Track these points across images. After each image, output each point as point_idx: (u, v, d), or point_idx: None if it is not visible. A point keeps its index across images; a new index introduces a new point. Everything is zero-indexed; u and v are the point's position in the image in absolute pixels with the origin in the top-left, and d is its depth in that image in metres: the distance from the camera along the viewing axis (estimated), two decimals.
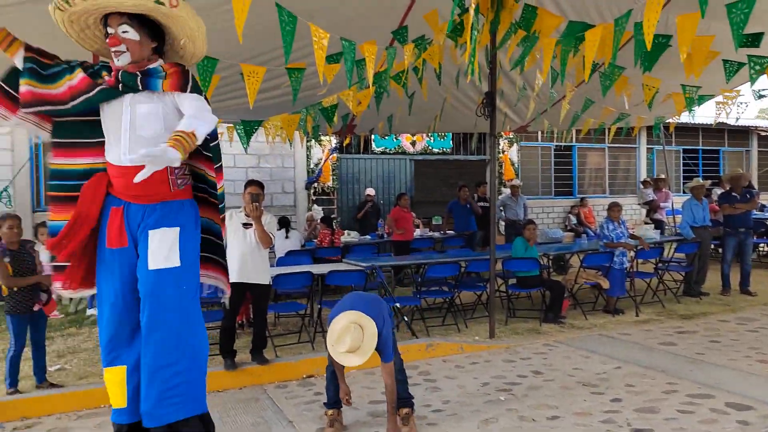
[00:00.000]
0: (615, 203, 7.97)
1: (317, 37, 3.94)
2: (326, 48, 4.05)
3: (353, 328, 3.60)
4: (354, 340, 3.57)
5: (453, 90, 7.50)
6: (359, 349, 3.59)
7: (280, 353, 5.92)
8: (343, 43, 4.41)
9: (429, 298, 7.65)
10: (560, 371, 5.38)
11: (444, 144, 13.18)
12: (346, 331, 3.59)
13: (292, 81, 4.91)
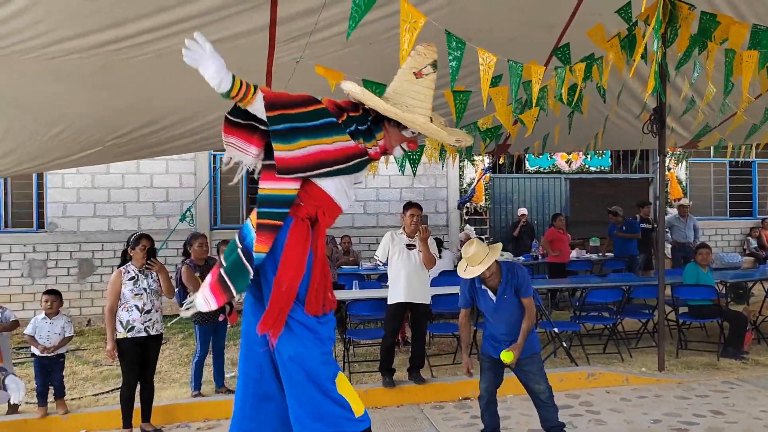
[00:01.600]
0: None
1: (484, 60, 3.98)
2: (492, 70, 4.09)
3: (478, 243, 4.04)
4: (480, 250, 3.96)
5: (615, 107, 7.18)
6: (483, 261, 3.96)
7: (436, 373, 5.98)
8: (510, 64, 4.42)
9: (588, 324, 7.32)
10: (745, 413, 4.89)
11: (602, 162, 12.59)
12: (475, 244, 4.03)
13: (456, 104, 5.01)
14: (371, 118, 2.66)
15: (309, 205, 2.56)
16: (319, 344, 2.56)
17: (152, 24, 4.10)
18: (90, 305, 9.39)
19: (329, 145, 2.50)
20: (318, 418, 2.49)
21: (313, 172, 2.49)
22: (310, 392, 2.50)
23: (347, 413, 2.52)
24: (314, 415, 2.50)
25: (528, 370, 4.18)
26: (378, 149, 2.68)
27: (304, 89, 5.15)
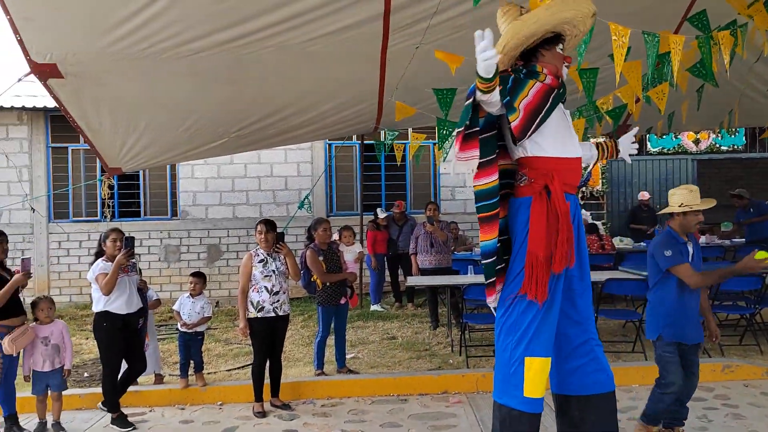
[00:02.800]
0: None
1: (617, 35, 3.82)
2: (627, 45, 3.91)
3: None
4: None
5: (751, 79, 6.63)
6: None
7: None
8: (645, 36, 4.21)
9: (723, 314, 6.86)
10: None
11: (735, 141, 11.65)
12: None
13: (584, 82, 4.86)
14: (522, 72, 2.92)
15: (537, 177, 2.84)
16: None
17: (273, 19, 4.31)
18: (218, 288, 10.05)
19: (528, 97, 2.79)
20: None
21: (534, 124, 2.79)
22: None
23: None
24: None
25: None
26: (550, 78, 2.89)
27: (424, 76, 5.21)
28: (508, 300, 2.86)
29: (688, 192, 4.00)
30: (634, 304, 7.45)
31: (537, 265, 2.74)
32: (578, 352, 2.96)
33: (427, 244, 7.65)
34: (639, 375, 5.41)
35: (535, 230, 2.77)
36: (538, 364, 2.78)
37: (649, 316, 4.10)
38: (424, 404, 5.07)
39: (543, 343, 2.80)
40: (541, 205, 2.78)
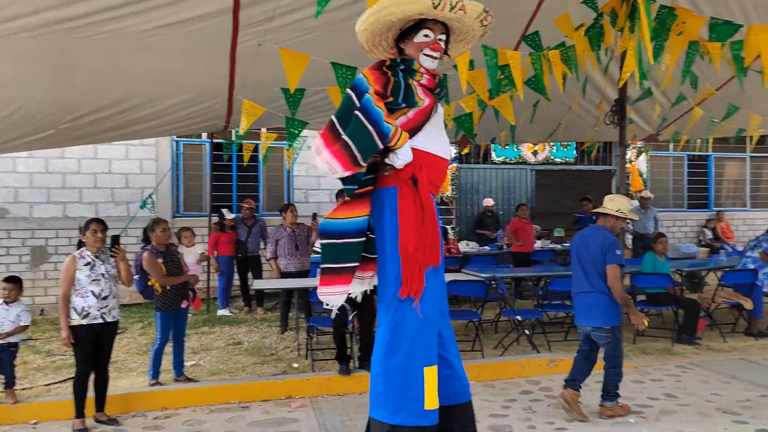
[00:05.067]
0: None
1: None
2: (468, 54, 4.08)
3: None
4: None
5: (579, 98, 7.27)
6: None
7: None
8: (484, 49, 4.42)
9: (551, 312, 7.43)
10: (696, 396, 5.03)
11: (567, 154, 12.76)
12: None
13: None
14: (400, 67, 2.70)
15: (404, 167, 2.64)
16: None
17: (110, 2, 3.99)
18: (44, 294, 9.13)
19: (408, 115, 2.67)
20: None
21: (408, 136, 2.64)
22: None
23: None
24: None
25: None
26: (426, 78, 2.73)
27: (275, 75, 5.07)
28: (392, 308, 2.63)
29: (625, 201, 4.66)
30: (476, 305, 7.83)
31: (409, 259, 2.58)
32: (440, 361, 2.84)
33: (291, 247, 7.44)
34: (476, 372, 5.66)
35: (405, 220, 2.60)
36: (433, 373, 2.62)
37: (603, 306, 4.55)
38: (266, 410, 4.93)
39: (432, 349, 2.65)
40: (409, 195, 2.60)
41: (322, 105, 6.49)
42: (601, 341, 4.60)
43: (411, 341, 2.58)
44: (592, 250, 4.59)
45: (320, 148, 2.55)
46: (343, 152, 2.49)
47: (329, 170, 2.53)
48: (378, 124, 2.51)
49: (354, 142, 2.49)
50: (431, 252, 2.64)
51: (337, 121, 2.56)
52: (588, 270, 4.63)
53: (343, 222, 2.63)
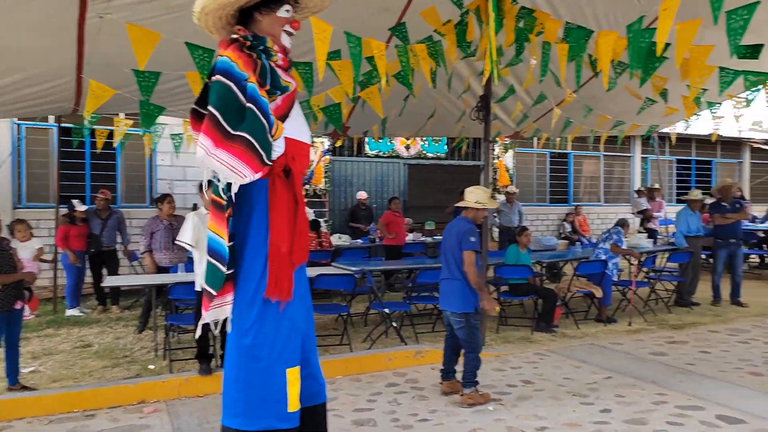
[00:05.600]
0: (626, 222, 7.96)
1: (318, 30, 3.84)
2: (328, 42, 3.95)
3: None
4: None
5: (446, 93, 7.43)
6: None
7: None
8: (348, 37, 4.32)
9: (420, 304, 7.54)
10: (551, 381, 5.29)
11: (438, 149, 13.10)
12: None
13: (300, 74, 4.84)
14: (260, 47, 2.46)
15: (277, 157, 2.39)
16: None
17: None
18: None
19: (278, 102, 2.47)
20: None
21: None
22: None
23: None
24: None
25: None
26: (281, 58, 2.53)
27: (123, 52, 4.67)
28: (253, 307, 2.42)
29: (483, 192, 4.85)
30: (346, 299, 7.78)
31: (280, 260, 2.38)
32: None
33: (168, 241, 6.97)
34: (343, 366, 5.61)
35: (278, 217, 2.40)
36: (295, 374, 2.47)
37: (460, 292, 4.74)
38: (114, 418, 4.55)
39: (296, 349, 2.50)
40: (282, 189, 2.42)
41: (182, 92, 6.12)
42: (456, 326, 4.77)
43: (275, 344, 2.43)
44: (451, 240, 4.81)
45: (213, 151, 2.24)
46: (249, 153, 2.23)
47: (238, 176, 2.25)
48: (268, 116, 2.30)
49: (256, 140, 2.25)
50: (304, 250, 2.52)
51: (221, 116, 2.25)
52: (448, 258, 4.84)
53: (217, 242, 2.36)
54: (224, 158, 2.22)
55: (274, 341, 2.43)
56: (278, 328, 2.44)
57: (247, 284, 2.43)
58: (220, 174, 2.29)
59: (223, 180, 2.32)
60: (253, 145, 2.24)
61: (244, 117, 2.27)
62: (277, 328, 2.43)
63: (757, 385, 5.08)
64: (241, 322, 2.45)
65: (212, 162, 2.24)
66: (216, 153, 2.22)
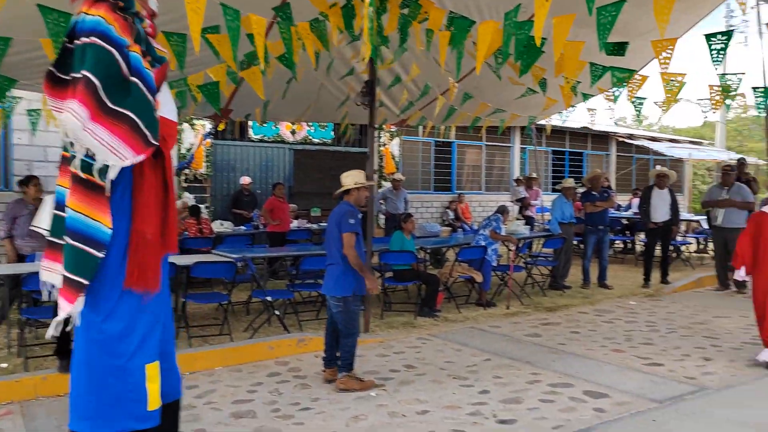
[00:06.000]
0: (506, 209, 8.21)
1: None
2: (202, 13, 3.67)
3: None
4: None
5: (331, 77, 7.30)
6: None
7: None
8: (225, 9, 4.05)
9: (304, 291, 7.41)
10: (432, 365, 5.36)
11: (325, 134, 12.95)
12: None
13: (173, 48, 4.49)
14: (132, 10, 2.20)
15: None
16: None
17: None
18: None
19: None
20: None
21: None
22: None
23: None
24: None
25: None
26: (149, 24, 2.30)
27: None
28: (110, 299, 2.20)
29: (358, 172, 4.90)
30: (227, 287, 7.48)
31: (146, 248, 2.18)
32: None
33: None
34: (222, 357, 5.38)
35: (145, 200, 2.19)
36: (155, 370, 2.27)
37: (338, 277, 4.72)
38: None
39: (156, 343, 2.30)
40: (150, 171, 2.21)
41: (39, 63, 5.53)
42: (334, 309, 4.76)
43: (134, 338, 2.23)
44: (332, 225, 4.82)
45: (89, 124, 1.99)
46: (132, 133, 2.03)
47: (118, 158, 2.04)
48: (153, 92, 2.09)
49: (140, 118, 2.04)
50: (173, 239, 2.33)
51: (101, 86, 2.00)
52: (330, 243, 4.86)
53: (87, 224, 2.10)
54: (103, 136, 2.02)
55: (132, 335, 2.23)
56: (138, 320, 2.24)
57: (104, 273, 2.19)
58: (97, 153, 2.05)
59: (100, 160, 2.07)
60: (138, 126, 2.05)
61: (127, 91, 2.05)
62: (136, 320, 2.24)
63: (619, 361, 5.44)
64: (94, 315, 2.22)
65: (87, 137, 2.02)
66: (92, 128, 2.01)
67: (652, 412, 4.20)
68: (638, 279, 9.36)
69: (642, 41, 6.01)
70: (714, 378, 4.95)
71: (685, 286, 9.28)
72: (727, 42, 5.12)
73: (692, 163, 21.37)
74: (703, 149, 21.07)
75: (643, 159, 19.88)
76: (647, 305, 8.02)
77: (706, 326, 6.78)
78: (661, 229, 9.04)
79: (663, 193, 9.08)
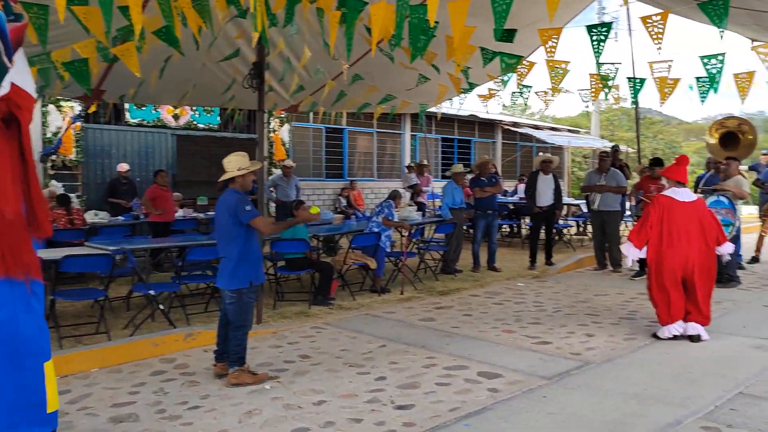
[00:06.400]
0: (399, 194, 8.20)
1: None
2: None
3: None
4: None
5: (216, 58, 6.90)
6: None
7: None
8: None
9: (192, 284, 7.02)
10: (328, 354, 5.24)
11: (211, 120, 12.36)
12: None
13: (33, 20, 3.99)
14: None
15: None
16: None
17: None
18: None
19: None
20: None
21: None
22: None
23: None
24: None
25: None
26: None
27: None
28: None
29: (241, 157, 4.61)
30: (104, 282, 6.93)
31: (9, 228, 1.93)
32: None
33: None
34: (99, 358, 4.96)
35: (1, 176, 1.95)
36: (51, 368, 2.05)
37: (232, 269, 4.49)
38: None
39: (48, 337, 2.12)
40: (8, 143, 1.97)
41: None
42: (228, 301, 4.54)
43: (24, 337, 1.99)
44: (222, 215, 4.55)
45: None
46: None
47: None
48: (4, 35, 1.87)
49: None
50: (42, 219, 2.09)
51: None
52: (222, 235, 4.60)
53: None
54: None
55: (25, 336, 2.00)
56: (30, 312, 2.02)
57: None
58: None
59: None
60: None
61: None
62: (23, 319, 2.00)
63: (510, 341, 5.59)
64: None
65: None
66: None
67: (542, 389, 4.32)
68: (525, 261, 9.74)
69: (529, 31, 6.18)
70: (596, 353, 5.20)
71: (568, 266, 9.77)
72: (606, 34, 5.36)
73: (571, 150, 22.69)
74: (580, 137, 22.44)
75: (527, 146, 20.82)
76: (534, 286, 8.35)
77: (587, 304, 7.15)
78: (546, 213, 9.45)
79: (547, 178, 9.48)
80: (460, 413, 3.91)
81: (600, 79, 5.99)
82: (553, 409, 3.95)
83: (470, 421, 3.80)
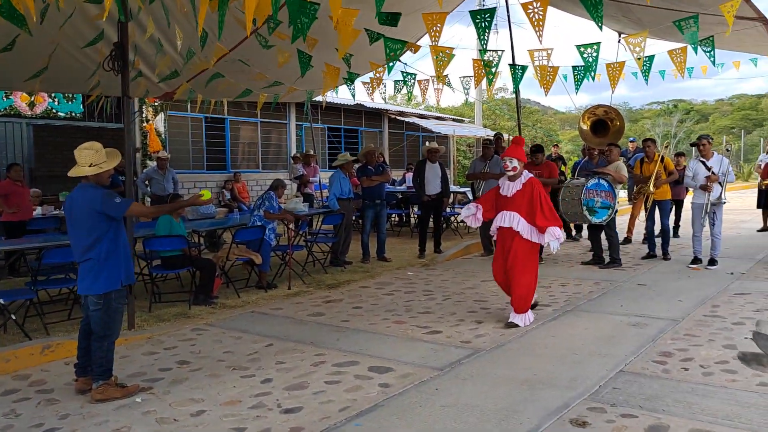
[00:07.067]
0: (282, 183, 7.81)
1: None
2: None
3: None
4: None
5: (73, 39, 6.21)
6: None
7: None
8: None
9: (51, 289, 6.31)
10: (209, 357, 4.86)
11: (73, 107, 11.28)
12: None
13: None
14: None
15: None
16: None
17: None
18: None
19: None
20: None
21: None
22: None
23: None
24: None
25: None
26: None
27: None
28: None
29: (95, 152, 4.04)
30: None
31: None
32: None
33: None
34: None
35: None
36: None
37: (97, 271, 4.00)
38: None
39: None
40: None
41: None
42: (92, 308, 4.05)
43: None
44: (81, 214, 4.03)
45: None
46: None
47: None
48: None
49: None
50: None
51: None
52: (80, 235, 4.06)
53: None
54: None
55: None
56: None
57: None
58: None
59: None
60: None
61: None
62: None
63: (401, 332, 5.47)
64: None
65: None
66: None
67: (434, 381, 4.22)
68: (414, 250, 9.73)
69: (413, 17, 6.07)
70: (486, 339, 5.20)
71: (456, 254, 9.88)
72: (490, 21, 5.34)
73: (456, 139, 23.21)
74: (465, 126, 23.01)
75: (413, 136, 21.02)
76: (423, 275, 8.34)
77: (475, 290, 7.21)
78: (434, 201, 9.47)
79: (435, 167, 9.50)
80: (351, 413, 3.71)
81: (483, 65, 5.99)
82: (446, 402, 3.85)
83: (362, 420, 3.62)
